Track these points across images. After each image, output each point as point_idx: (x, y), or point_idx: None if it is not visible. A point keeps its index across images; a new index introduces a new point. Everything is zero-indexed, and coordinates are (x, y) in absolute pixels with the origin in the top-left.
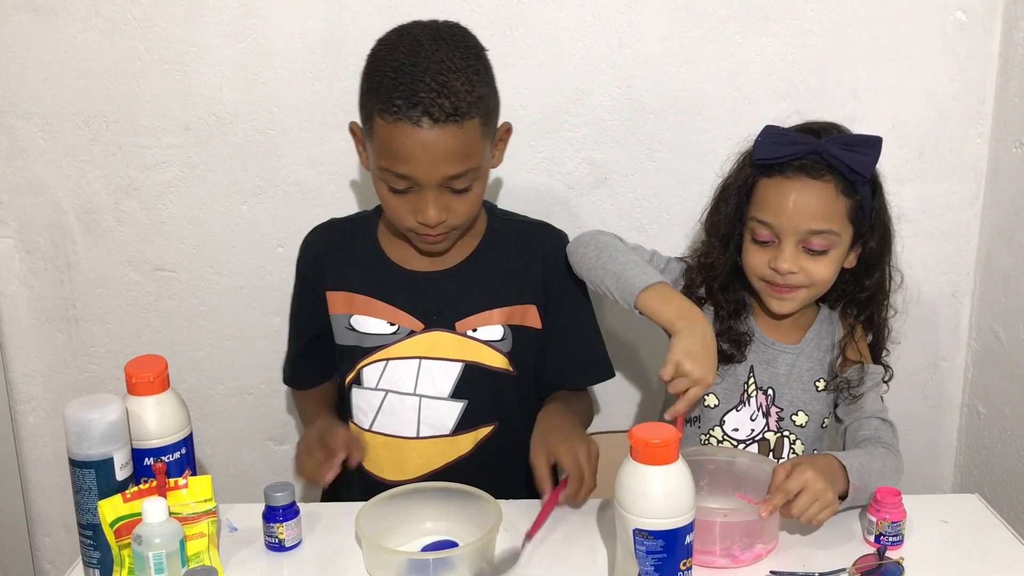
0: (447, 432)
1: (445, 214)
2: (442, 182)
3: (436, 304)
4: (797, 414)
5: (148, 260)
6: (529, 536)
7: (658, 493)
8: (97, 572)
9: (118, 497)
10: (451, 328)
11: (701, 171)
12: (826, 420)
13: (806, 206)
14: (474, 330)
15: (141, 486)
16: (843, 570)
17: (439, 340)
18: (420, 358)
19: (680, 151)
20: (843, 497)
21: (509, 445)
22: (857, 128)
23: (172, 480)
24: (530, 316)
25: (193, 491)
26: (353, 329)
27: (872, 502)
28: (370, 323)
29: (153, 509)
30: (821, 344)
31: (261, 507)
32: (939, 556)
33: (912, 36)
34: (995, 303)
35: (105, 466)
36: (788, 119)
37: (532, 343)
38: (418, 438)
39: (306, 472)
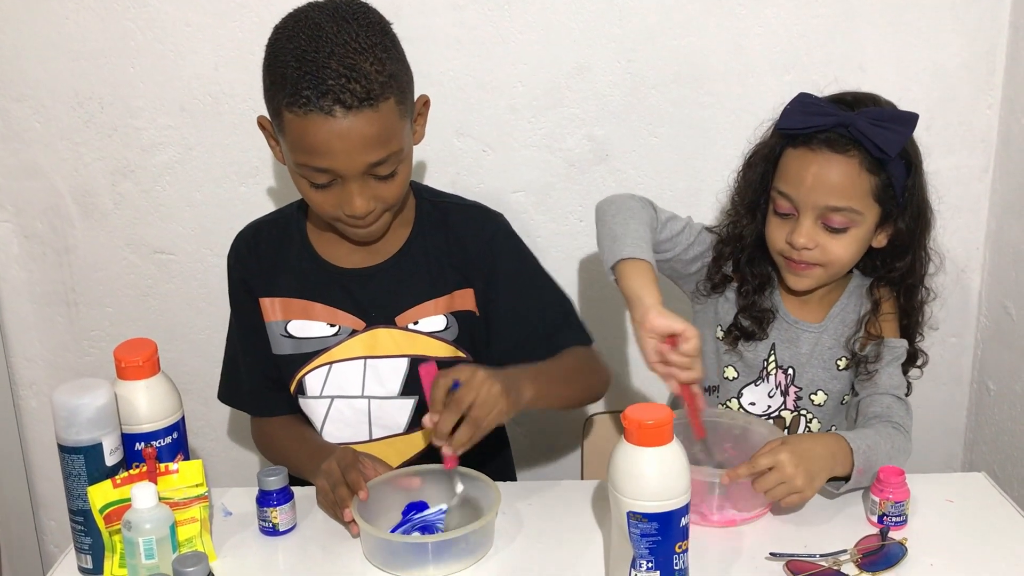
0: (401, 431)
1: (373, 203)
2: (365, 170)
3: (374, 300)
4: (816, 393)
5: (147, 243)
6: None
7: (652, 475)
8: (89, 558)
9: (108, 483)
10: (392, 323)
11: (704, 146)
12: (846, 397)
13: (827, 181)
14: (416, 323)
15: (131, 471)
16: (845, 551)
17: (381, 337)
18: (364, 358)
19: (683, 126)
20: (848, 478)
21: None
22: None
23: (163, 465)
24: (469, 300)
25: (184, 476)
26: (290, 336)
27: (875, 482)
28: (309, 327)
29: (142, 495)
30: (846, 319)
31: (256, 491)
32: (943, 536)
33: (920, 5)
34: (1005, 278)
35: (94, 451)
36: (793, 93)
37: (475, 327)
38: (371, 441)
39: (331, 511)
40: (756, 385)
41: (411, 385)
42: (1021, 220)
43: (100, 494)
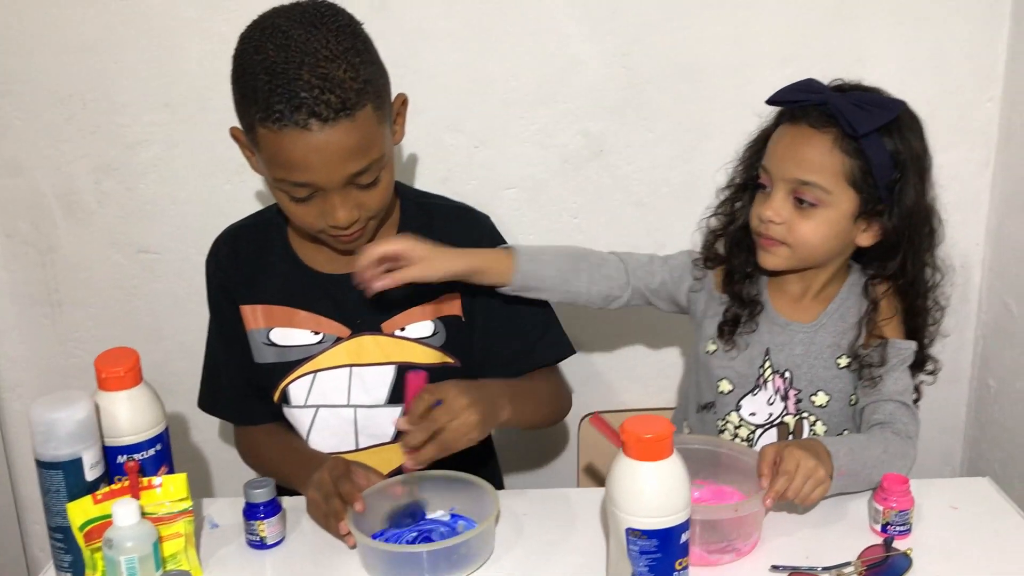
0: (388, 440)
1: (356, 212)
2: (346, 181)
3: (360, 307)
4: (816, 394)
5: (131, 242)
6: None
7: (651, 491)
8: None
9: (88, 498)
10: (378, 330)
11: (701, 142)
12: (853, 397)
13: (798, 153)
14: (402, 329)
15: (113, 486)
16: (848, 563)
17: (367, 344)
18: (350, 366)
19: (679, 121)
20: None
21: None
22: None
23: (146, 479)
24: (456, 305)
25: (168, 490)
26: (273, 344)
27: (878, 490)
28: (292, 335)
29: (124, 512)
30: (845, 316)
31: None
32: (949, 545)
33: None
34: (1006, 274)
35: (73, 466)
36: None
37: (463, 332)
38: (358, 450)
39: (324, 522)
40: (754, 395)
41: (398, 393)
42: (1022, 216)
43: (80, 511)
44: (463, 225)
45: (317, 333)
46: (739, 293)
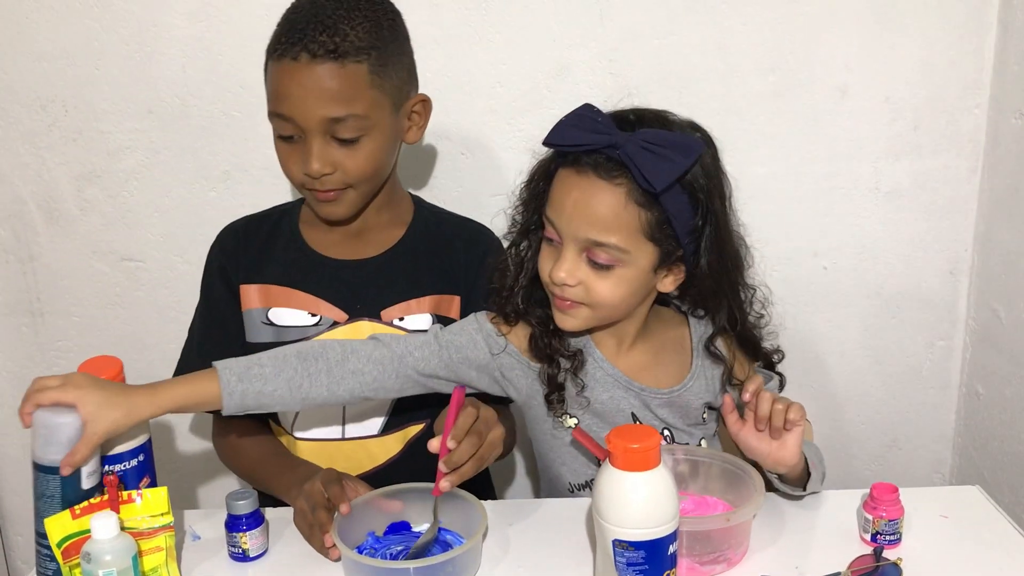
0: (375, 433)
1: (331, 167)
2: (324, 127)
3: (360, 293)
4: (700, 443)
5: (114, 250)
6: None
7: (638, 501)
8: None
9: (66, 513)
10: (376, 317)
11: None
12: (716, 427)
13: (587, 210)
14: (401, 319)
15: (92, 500)
16: (838, 573)
17: (364, 330)
18: None
19: None
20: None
21: None
22: (849, 101)
23: (125, 493)
24: (455, 308)
25: (148, 504)
26: (271, 323)
27: (868, 499)
28: (289, 315)
29: (102, 525)
30: (706, 373)
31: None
32: (939, 554)
33: (906, 2)
34: (994, 281)
35: (72, 473)
36: (777, 93)
37: None
38: (343, 440)
39: (309, 531)
40: None
41: None
42: (1010, 221)
43: (58, 526)
44: (472, 235)
45: (315, 315)
46: (554, 354)
